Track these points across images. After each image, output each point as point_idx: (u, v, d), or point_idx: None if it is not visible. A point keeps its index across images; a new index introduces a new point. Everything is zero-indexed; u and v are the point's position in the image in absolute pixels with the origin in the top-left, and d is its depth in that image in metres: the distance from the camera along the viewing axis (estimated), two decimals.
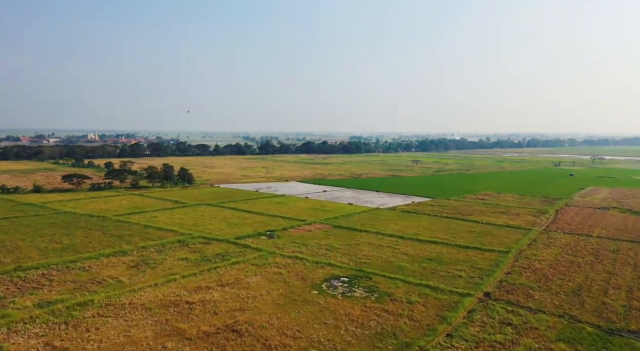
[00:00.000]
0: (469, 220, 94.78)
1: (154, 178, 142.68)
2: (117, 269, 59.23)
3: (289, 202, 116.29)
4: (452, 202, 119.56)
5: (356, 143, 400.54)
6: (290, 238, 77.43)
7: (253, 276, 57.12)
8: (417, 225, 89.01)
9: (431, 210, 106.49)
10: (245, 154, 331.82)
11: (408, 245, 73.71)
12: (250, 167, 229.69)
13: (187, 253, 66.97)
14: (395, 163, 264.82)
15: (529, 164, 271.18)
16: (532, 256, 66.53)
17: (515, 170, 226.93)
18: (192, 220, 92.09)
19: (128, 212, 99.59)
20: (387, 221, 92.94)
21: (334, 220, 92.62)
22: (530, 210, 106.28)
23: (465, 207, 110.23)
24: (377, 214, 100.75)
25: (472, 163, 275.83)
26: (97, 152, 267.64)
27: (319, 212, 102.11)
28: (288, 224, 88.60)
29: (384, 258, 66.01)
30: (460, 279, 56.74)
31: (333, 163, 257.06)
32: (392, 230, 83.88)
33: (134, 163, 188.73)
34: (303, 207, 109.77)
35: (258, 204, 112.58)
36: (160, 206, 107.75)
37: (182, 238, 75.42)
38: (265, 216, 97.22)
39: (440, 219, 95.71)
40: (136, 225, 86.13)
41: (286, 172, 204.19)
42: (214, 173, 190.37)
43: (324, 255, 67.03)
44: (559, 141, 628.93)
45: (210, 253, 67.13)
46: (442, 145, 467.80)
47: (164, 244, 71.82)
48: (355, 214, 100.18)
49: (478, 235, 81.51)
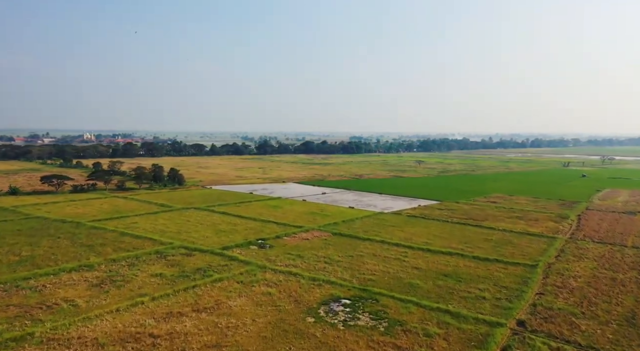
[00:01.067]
0: (483, 226, 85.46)
1: (141, 179, 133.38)
2: (77, 288, 49.90)
3: (285, 206, 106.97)
4: (462, 205, 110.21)
5: (356, 143, 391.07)
6: (284, 249, 68.13)
7: (237, 297, 47.81)
8: (427, 233, 79.69)
9: (440, 214, 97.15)
10: (243, 154, 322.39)
11: (418, 256, 64.40)
12: (246, 167, 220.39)
13: (163, 268, 57.65)
14: (397, 164, 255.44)
15: (536, 165, 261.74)
16: (564, 271, 57.20)
17: (524, 171, 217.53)
18: (176, 226, 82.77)
19: (106, 217, 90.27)
20: (392, 227, 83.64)
21: (334, 227, 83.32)
22: (549, 215, 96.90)
23: (477, 211, 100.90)
24: (381, 219, 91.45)
25: (477, 163, 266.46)
26: (88, 152, 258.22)
27: (317, 217, 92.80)
28: (283, 231, 79.32)
29: (391, 273, 56.73)
30: (484, 302, 47.41)
31: (333, 164, 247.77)
32: (399, 239, 74.58)
33: (123, 164, 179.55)
34: (300, 211, 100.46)
35: (251, 208, 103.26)
36: (143, 210, 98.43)
37: (161, 249, 66.08)
38: (258, 221, 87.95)
39: (452, 225, 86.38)
40: (112, 232, 76.80)
41: (284, 172, 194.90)
42: (207, 174, 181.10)
43: (322, 270, 57.75)
44: (562, 141, 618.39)
45: (190, 268, 57.82)
46: (445, 145, 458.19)
47: (139, 256, 62.51)
48: (357, 219, 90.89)
49: (496, 244, 72.17)
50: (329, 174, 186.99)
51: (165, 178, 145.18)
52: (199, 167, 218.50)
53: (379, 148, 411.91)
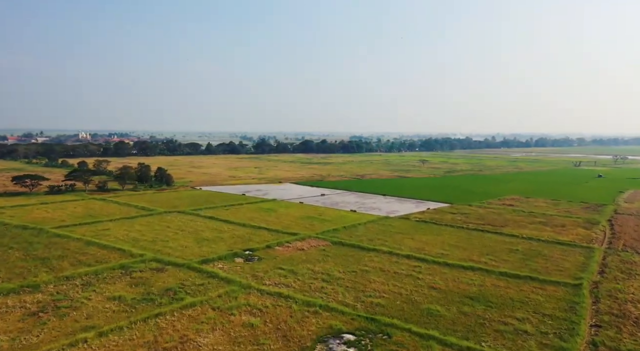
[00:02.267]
0: (504, 233, 74.87)
1: (124, 179, 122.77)
2: (6, 319, 39.34)
3: (280, 209, 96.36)
4: (476, 208, 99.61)
5: (357, 143, 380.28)
6: (275, 262, 57.59)
7: (210, 332, 37.28)
8: (441, 241, 69.13)
9: (453, 219, 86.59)
10: (240, 153, 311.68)
11: (435, 272, 53.84)
12: (241, 167, 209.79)
13: (125, 288, 47.09)
14: (400, 163, 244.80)
15: (546, 164, 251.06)
16: (616, 293, 46.64)
17: (534, 171, 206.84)
18: (153, 233, 72.19)
19: (76, 222, 79.72)
20: (400, 235, 73.08)
21: (334, 234, 72.73)
22: (575, 220, 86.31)
23: (494, 216, 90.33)
24: (387, 225, 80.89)
25: (483, 163, 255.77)
26: (78, 151, 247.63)
27: (315, 223, 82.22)
28: (275, 239, 68.76)
29: (404, 295, 46.19)
30: (528, 338, 36.84)
31: (332, 163, 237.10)
32: (410, 249, 64.04)
33: (110, 163, 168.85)
34: (296, 215, 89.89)
35: (241, 212, 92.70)
36: (120, 214, 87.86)
37: (128, 262, 55.50)
38: (248, 228, 77.40)
39: (468, 232, 75.79)
40: (77, 241, 66.23)
41: (281, 172, 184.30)
42: (199, 174, 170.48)
43: (319, 290, 47.22)
44: (567, 140, 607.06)
45: (159, 288, 47.27)
46: (447, 144, 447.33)
47: (99, 272, 51.94)
48: (360, 225, 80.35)
49: (524, 256, 61.56)
50: (329, 174, 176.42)
51: (152, 178, 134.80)
52: (192, 166, 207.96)
53: (380, 147, 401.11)
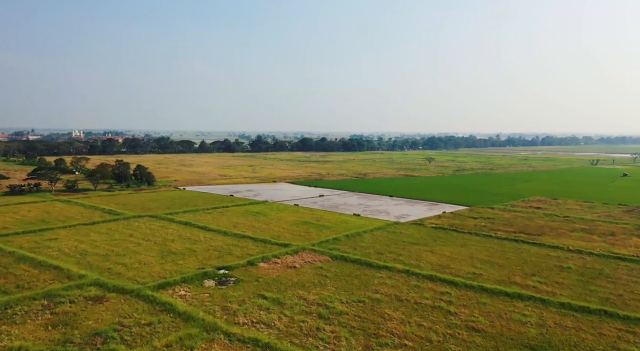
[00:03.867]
0: (544, 244, 60.72)
1: (97, 178, 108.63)
2: None
3: (271, 213, 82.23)
4: (500, 212, 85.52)
5: (358, 140, 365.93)
6: (257, 285, 43.51)
7: None
8: (468, 255, 55.02)
9: (476, 225, 72.47)
10: (235, 152, 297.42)
11: (470, 302, 39.72)
12: (235, 165, 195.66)
13: (36, 332, 33.00)
14: (405, 162, 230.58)
15: (560, 163, 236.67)
16: None
17: (550, 170, 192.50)
18: (109, 244, 58.09)
19: (21, 229, 65.61)
20: (416, 246, 58.98)
21: (334, 245, 58.62)
22: (624, 227, 72.15)
23: (524, 221, 76.20)
24: (398, 233, 66.79)
25: (492, 161, 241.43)
26: (62, 149, 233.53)
27: (312, 230, 68.09)
28: (260, 253, 54.71)
29: (434, 343, 32.11)
30: None
31: (332, 162, 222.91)
32: (432, 266, 49.97)
33: (89, 160, 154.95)
34: (289, 220, 75.80)
35: (225, 216, 78.64)
36: (80, 219, 73.78)
37: (57, 289, 41.35)
38: (230, 236, 63.37)
39: (500, 243, 61.66)
40: (9, 255, 52.21)
41: (276, 171, 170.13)
42: (188, 173, 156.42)
43: (312, 335, 33.19)
44: (574, 139, 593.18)
45: (84, 331, 33.17)
46: (451, 142, 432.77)
47: (11, 304, 37.85)
48: (365, 233, 66.26)
49: (582, 277, 47.38)
50: (328, 173, 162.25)
51: (131, 177, 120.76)
52: (181, 164, 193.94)
53: (382, 145, 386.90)
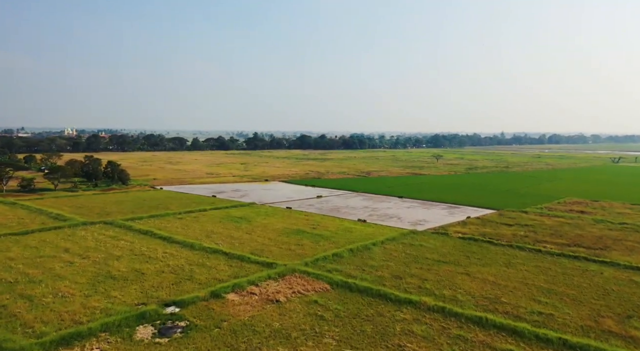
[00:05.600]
0: (617, 263, 45.26)
1: (57, 176, 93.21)
2: None
3: (256, 218, 66.75)
4: (537, 216, 70.11)
5: (359, 138, 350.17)
6: (216, 339, 28.13)
7: None
8: (520, 280, 39.59)
9: (515, 235, 57.05)
10: (229, 149, 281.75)
11: None
12: (226, 163, 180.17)
13: None
14: (410, 159, 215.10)
15: (577, 161, 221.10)
16: None
17: (571, 168, 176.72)
18: (29, 264, 42.68)
19: None
20: (446, 266, 43.56)
21: (335, 265, 43.15)
22: None
23: (574, 229, 60.76)
24: (417, 246, 51.35)
25: (504, 159, 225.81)
26: (42, 146, 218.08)
27: (305, 241, 52.61)
28: (232, 276, 39.37)
29: None
30: None
31: (332, 159, 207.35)
32: (474, 299, 34.63)
33: (62, 157, 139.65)
34: (278, 227, 60.37)
35: (199, 222, 63.22)
36: (15, 226, 58.37)
37: None
38: (197, 251, 47.99)
39: (555, 261, 46.17)
40: None
41: (271, 169, 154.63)
42: (172, 171, 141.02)
43: None
44: (582, 137, 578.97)
45: None
46: (456, 140, 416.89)
47: None
48: (375, 246, 50.82)
49: None
50: (328, 171, 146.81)
51: (101, 175, 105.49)
52: (168, 162, 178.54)
53: (384, 143, 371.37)
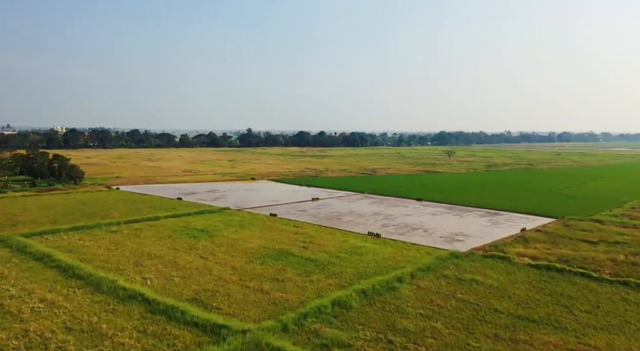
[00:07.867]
0: None
1: None
2: None
3: (223, 231, 46.54)
4: (618, 228, 50.24)
5: (361, 135, 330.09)
6: None
7: None
8: None
9: (613, 260, 37.19)
10: (220, 146, 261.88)
11: None
12: (212, 160, 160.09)
13: None
14: (418, 156, 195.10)
15: (606, 158, 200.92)
16: None
17: (603, 165, 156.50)
18: None
19: None
20: (536, 328, 23.40)
21: (336, 329, 22.85)
22: None
23: None
24: (468, 282, 31.28)
25: (521, 156, 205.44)
26: (13, 142, 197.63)
27: (289, 274, 32.42)
28: None
29: None
30: None
31: (332, 156, 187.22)
32: None
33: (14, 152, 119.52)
34: (251, 246, 40.27)
35: (140, 238, 43.11)
36: None
37: None
38: (101, 296, 27.95)
39: None
40: None
41: (261, 166, 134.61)
42: (144, 168, 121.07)
43: None
44: (592, 135, 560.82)
45: None
46: (462, 138, 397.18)
47: None
48: (402, 284, 30.67)
49: None
50: (327, 168, 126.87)
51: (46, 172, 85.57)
52: (146, 159, 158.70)
53: (386, 141, 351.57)
